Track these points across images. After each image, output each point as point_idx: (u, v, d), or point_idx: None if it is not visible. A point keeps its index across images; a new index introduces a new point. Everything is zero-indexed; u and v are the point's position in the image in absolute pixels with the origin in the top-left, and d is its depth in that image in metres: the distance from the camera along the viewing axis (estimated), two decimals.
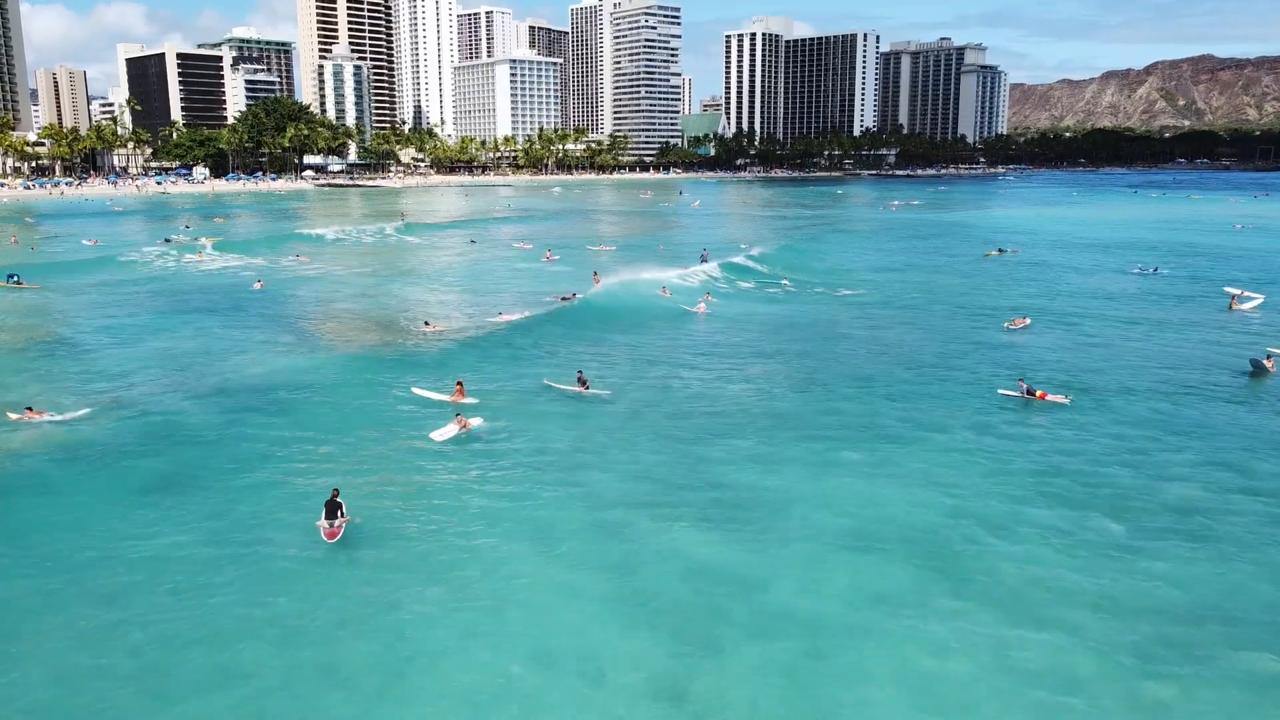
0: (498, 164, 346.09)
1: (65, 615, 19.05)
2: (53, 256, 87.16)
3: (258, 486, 26.03)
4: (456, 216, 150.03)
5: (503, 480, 26.65)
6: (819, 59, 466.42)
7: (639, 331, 49.28)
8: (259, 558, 21.74)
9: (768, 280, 69.58)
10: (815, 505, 24.64)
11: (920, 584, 20.36)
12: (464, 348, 44.59)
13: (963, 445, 29.44)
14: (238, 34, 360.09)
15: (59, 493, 25.41)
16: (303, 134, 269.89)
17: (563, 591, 20.28)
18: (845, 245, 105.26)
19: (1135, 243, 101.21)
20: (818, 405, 34.42)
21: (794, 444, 29.71)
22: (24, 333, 48.70)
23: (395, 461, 28.25)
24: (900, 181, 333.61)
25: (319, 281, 69.74)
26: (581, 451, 29.12)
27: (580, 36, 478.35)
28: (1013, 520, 23.58)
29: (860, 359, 42.27)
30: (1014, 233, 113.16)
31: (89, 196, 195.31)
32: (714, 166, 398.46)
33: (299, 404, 34.36)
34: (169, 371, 39.27)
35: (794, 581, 20.52)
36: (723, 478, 26.76)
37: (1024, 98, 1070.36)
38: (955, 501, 24.79)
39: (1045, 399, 34.13)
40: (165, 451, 28.85)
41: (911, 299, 61.20)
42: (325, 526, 22.61)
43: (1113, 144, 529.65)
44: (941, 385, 37.02)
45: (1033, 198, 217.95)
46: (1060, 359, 42.18)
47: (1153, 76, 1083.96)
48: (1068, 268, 79.56)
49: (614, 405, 34.35)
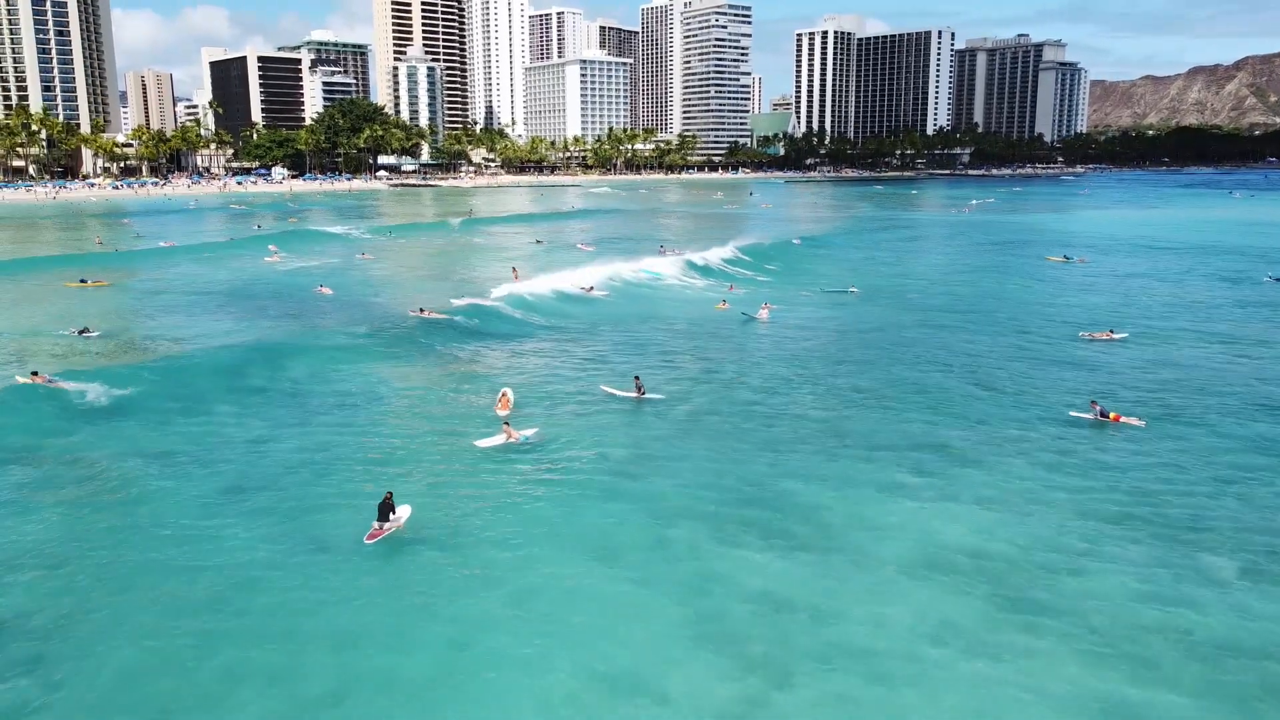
0: (567, 164, 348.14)
1: (121, 609, 19.32)
2: (129, 256, 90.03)
3: (303, 489, 26.23)
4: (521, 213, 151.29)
5: (561, 490, 26.42)
6: (892, 57, 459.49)
7: (699, 338, 48.86)
8: (310, 561, 21.86)
9: (785, 279, 68.47)
10: (882, 529, 23.92)
11: (992, 619, 19.53)
12: (508, 351, 44.66)
13: (1035, 469, 28.32)
14: (316, 37, 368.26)
15: (121, 486, 25.92)
16: (377, 135, 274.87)
17: (626, 609, 19.94)
18: (916, 248, 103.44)
19: (1234, 249, 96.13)
20: (882, 420, 33.54)
21: (858, 461, 28.97)
22: (84, 323, 49.92)
23: (448, 468, 28.19)
24: (974, 182, 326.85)
25: (382, 286, 70.38)
26: (640, 461, 28.76)
27: (650, 36, 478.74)
28: (1090, 552, 22.49)
29: (927, 371, 41.12)
30: (1093, 237, 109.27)
31: (171, 196, 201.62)
32: (783, 166, 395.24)
33: (346, 407, 34.74)
34: (223, 375, 39.68)
35: (861, 610, 19.86)
36: (786, 494, 26.17)
37: (1105, 95, 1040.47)
38: (1029, 530, 23.80)
39: (1119, 421, 32.70)
40: (216, 448, 29.31)
41: (983, 306, 59.60)
42: (374, 526, 22.70)
43: (1198, 142, 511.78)
44: (1011, 402, 35.68)
45: (1114, 198, 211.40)
46: (1139, 377, 40.44)
47: (1242, 72, 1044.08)
48: (1152, 276, 76.13)
49: (671, 414, 33.97)
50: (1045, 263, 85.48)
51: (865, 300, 62.28)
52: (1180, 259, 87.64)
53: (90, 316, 52.05)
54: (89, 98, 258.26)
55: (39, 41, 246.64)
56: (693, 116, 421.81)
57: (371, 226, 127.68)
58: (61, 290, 65.23)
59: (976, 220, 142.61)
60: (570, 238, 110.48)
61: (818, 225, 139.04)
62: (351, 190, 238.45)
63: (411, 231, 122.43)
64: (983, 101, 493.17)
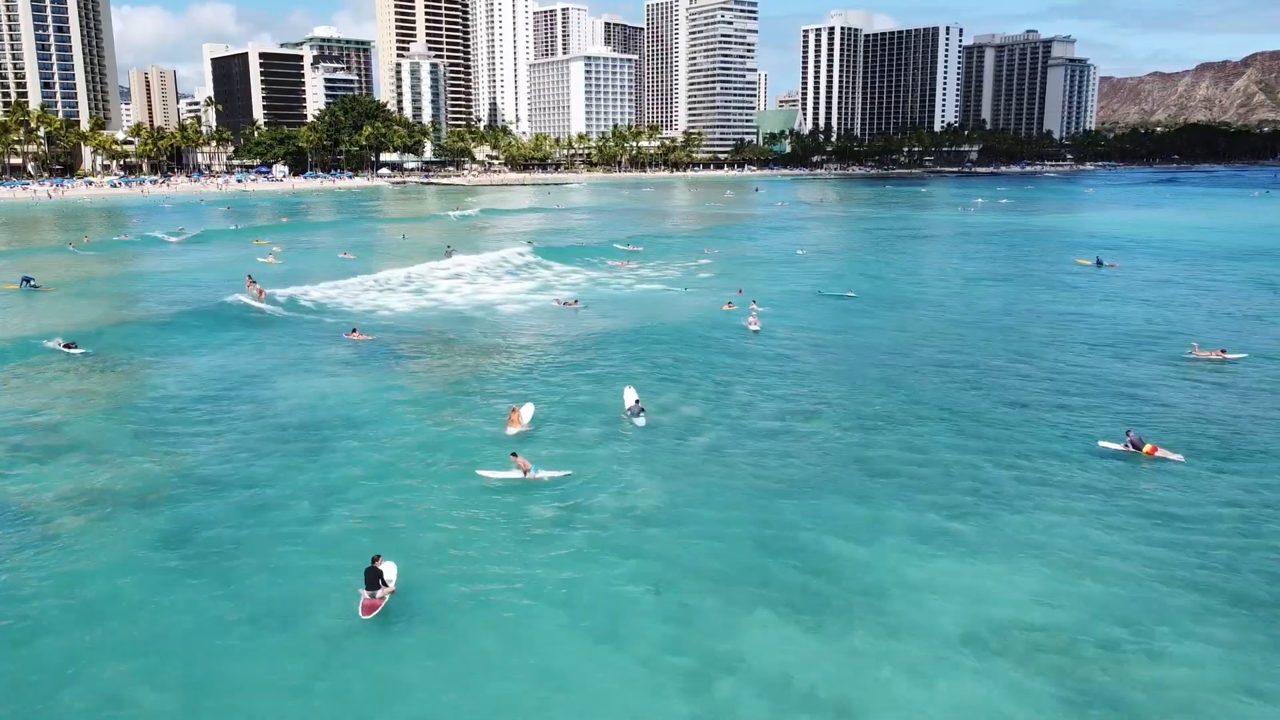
0: (571, 161, 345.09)
1: (75, 675, 16.46)
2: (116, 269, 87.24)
3: (284, 538, 23.32)
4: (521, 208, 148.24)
5: (565, 543, 23.42)
6: (899, 53, 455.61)
7: (697, 349, 45.64)
8: (285, 625, 19.19)
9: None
10: (915, 592, 20.93)
11: (1054, 710, 16.59)
12: (507, 368, 41.71)
13: (1088, 512, 25.26)
14: (319, 33, 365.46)
15: (62, 545, 23.02)
16: (379, 132, 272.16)
17: (626, 701, 17.12)
18: (931, 251, 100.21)
19: (1268, 251, 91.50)
20: (906, 451, 30.38)
21: (885, 503, 25.94)
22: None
23: (441, 513, 25.23)
24: (983, 179, 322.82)
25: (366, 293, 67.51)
26: (648, 503, 25.74)
27: (656, 32, 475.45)
28: (1164, 625, 19.46)
29: (955, 392, 37.70)
30: (1115, 239, 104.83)
31: (169, 194, 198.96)
32: (789, 164, 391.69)
33: (332, 439, 31.59)
34: (191, 402, 36.89)
35: (897, 700, 16.94)
36: (805, 546, 23.20)
37: (1112, 91, 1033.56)
38: (1088, 594, 20.79)
39: (1156, 454, 29.63)
40: (176, 491, 26.32)
41: (1007, 317, 55.80)
42: (366, 597, 19.81)
43: (1208, 139, 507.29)
44: (1048, 431, 32.30)
45: (1129, 198, 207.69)
46: (1184, 403, 37.33)
47: (1251, 68, 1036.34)
48: (1192, 283, 70.66)
49: (681, 447, 30.76)
50: (1073, 266, 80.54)
51: (880, 308, 58.76)
52: (1218, 263, 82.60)
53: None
54: (89, 94, 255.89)
55: (38, 37, 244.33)
56: (698, 113, 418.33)
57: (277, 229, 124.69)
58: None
59: (990, 221, 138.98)
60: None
61: (831, 226, 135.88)
62: (352, 189, 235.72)
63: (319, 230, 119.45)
64: (991, 99, 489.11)
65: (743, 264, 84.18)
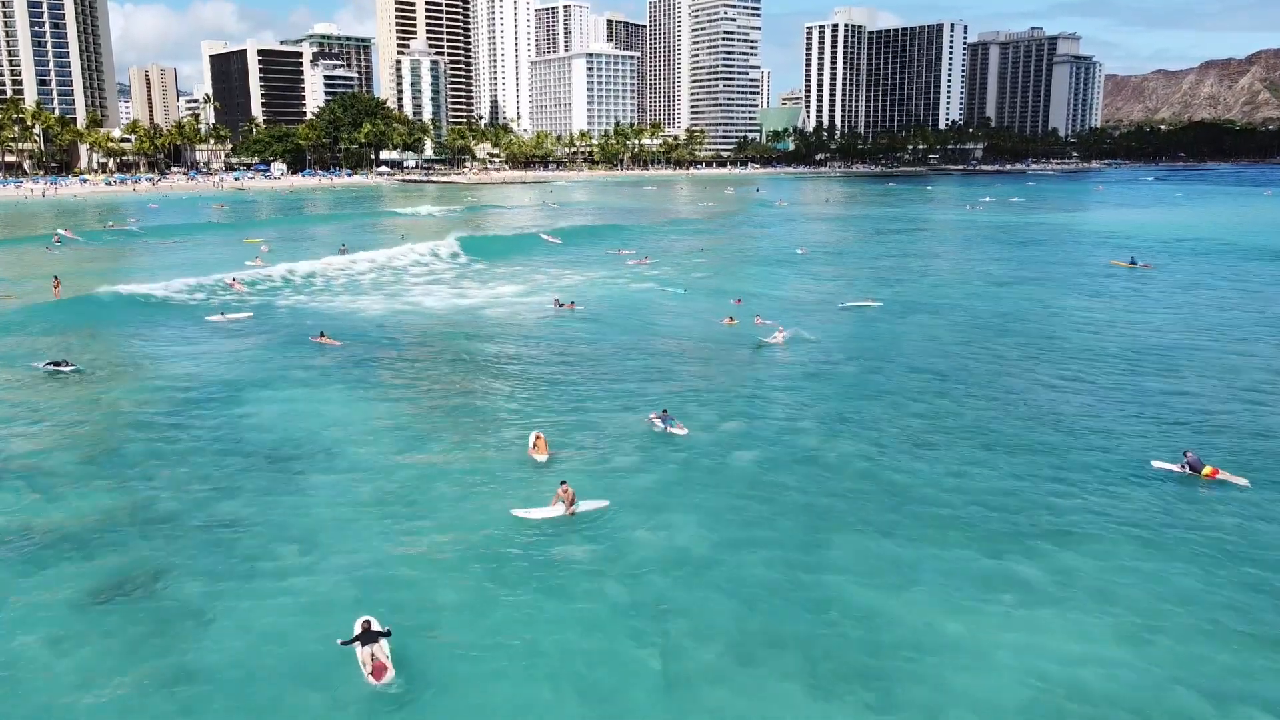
0: (573, 159, 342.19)
1: None
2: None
3: (262, 594, 20.41)
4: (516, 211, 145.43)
5: (577, 595, 20.46)
6: (903, 51, 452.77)
7: (710, 362, 42.75)
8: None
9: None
10: (962, 654, 18.03)
11: None
12: (506, 386, 38.83)
13: (1142, 547, 22.43)
14: (318, 30, 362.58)
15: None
16: (379, 130, 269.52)
17: None
18: (946, 253, 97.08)
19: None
20: (943, 478, 27.32)
21: (921, 540, 22.99)
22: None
23: (449, 561, 22.25)
24: (989, 177, 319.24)
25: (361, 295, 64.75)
26: (667, 544, 22.88)
27: (658, 29, 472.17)
28: (1250, 696, 16.59)
29: (988, 410, 34.46)
30: (1138, 239, 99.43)
31: (164, 192, 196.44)
32: (793, 161, 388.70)
33: (321, 468, 28.72)
34: (151, 419, 34.05)
35: None
36: (837, 597, 20.27)
37: (1116, 89, 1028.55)
38: (1155, 656, 17.93)
39: (1216, 476, 26.71)
40: (124, 530, 23.44)
41: (1039, 323, 52.19)
42: (368, 660, 17.01)
43: (1214, 137, 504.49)
44: (1098, 457, 29.11)
45: (1142, 196, 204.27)
46: (1242, 420, 34.19)
47: (1256, 66, 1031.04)
48: (1231, 285, 66.50)
49: (715, 478, 27.50)
50: (1107, 268, 76.26)
51: (902, 315, 55.06)
52: (1250, 264, 79.01)
53: None
54: (85, 91, 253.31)
55: (34, 34, 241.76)
56: (701, 111, 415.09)
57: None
58: None
59: (1002, 221, 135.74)
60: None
61: (835, 225, 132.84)
62: (351, 186, 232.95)
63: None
64: (995, 96, 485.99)
65: (741, 263, 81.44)
